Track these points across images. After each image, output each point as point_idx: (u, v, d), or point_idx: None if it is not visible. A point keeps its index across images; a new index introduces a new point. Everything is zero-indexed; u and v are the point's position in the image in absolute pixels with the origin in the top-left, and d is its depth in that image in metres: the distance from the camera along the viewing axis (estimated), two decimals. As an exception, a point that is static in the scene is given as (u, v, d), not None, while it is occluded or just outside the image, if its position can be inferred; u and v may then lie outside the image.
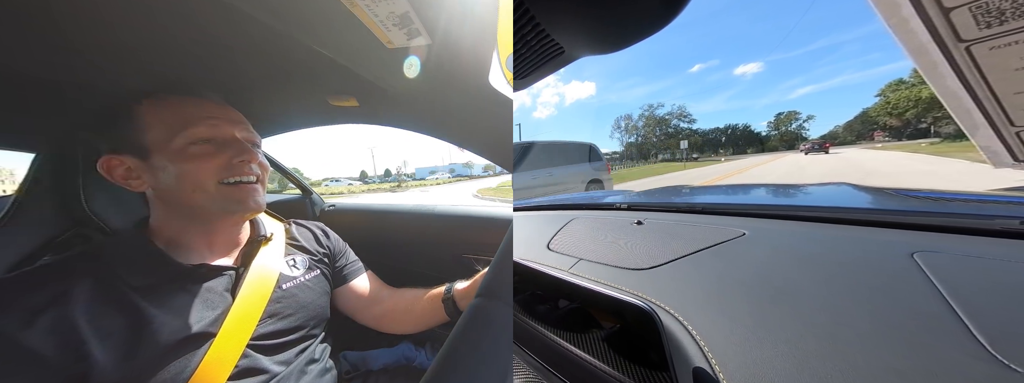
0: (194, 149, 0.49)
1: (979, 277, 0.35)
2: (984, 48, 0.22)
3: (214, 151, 0.50)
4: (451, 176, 62.74)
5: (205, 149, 0.50)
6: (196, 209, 0.51)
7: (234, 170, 0.51)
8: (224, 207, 0.52)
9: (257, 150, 0.56)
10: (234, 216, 0.55)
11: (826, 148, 31.34)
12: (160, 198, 0.52)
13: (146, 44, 0.47)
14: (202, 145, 0.50)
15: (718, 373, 0.33)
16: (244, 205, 0.53)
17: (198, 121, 0.50)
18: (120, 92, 0.51)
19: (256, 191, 0.54)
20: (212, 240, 0.55)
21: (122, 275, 0.46)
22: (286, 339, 0.55)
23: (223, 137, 0.52)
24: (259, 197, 0.54)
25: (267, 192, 0.59)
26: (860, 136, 65.07)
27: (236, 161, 0.51)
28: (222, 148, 0.51)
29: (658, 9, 0.25)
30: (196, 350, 0.46)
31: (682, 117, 71.67)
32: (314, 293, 0.62)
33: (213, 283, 0.51)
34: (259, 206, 0.55)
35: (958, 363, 0.27)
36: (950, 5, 0.21)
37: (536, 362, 0.53)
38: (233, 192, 0.51)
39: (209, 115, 0.51)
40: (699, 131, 76.09)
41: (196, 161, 0.49)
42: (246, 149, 0.52)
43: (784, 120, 75.44)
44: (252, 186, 0.53)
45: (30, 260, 0.68)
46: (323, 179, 65.08)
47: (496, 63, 0.49)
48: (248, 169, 0.52)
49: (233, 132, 0.53)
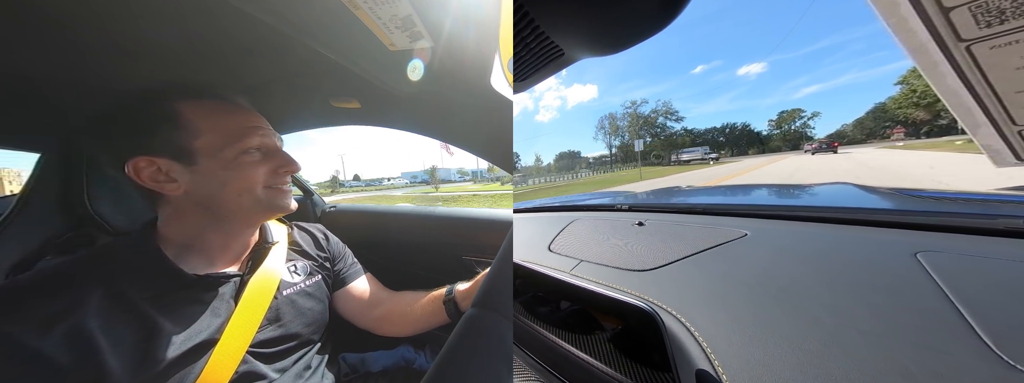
0: (247, 158, 0.51)
1: (982, 276, 0.35)
2: (984, 47, 0.22)
3: (262, 159, 0.53)
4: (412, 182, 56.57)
5: (255, 157, 0.53)
6: (238, 212, 0.53)
7: (279, 178, 0.55)
8: (269, 208, 0.55)
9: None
10: (273, 216, 0.59)
11: (835, 147, 27.53)
12: (191, 201, 0.51)
13: (152, 46, 0.47)
14: (251, 154, 0.52)
15: (721, 375, 0.33)
16: (286, 206, 0.57)
17: (251, 131, 0.53)
18: (147, 94, 0.51)
19: (289, 196, 0.58)
20: (228, 243, 0.56)
21: (133, 283, 0.46)
22: (286, 346, 0.55)
23: (269, 146, 0.55)
24: (292, 201, 0.58)
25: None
26: (872, 134, 56.55)
27: (282, 170, 0.55)
28: (268, 157, 0.54)
29: (656, 11, 0.25)
30: (199, 358, 0.46)
31: (668, 114, 60.32)
32: (314, 299, 0.62)
33: (219, 291, 0.52)
34: (294, 206, 0.58)
35: (962, 363, 0.27)
36: (949, 4, 0.21)
37: (538, 364, 0.53)
38: (275, 196, 0.55)
39: (256, 125, 0.54)
40: (695, 131, 67.38)
41: (248, 169, 0.51)
42: (290, 160, 0.56)
43: (786, 118, 66.27)
44: (287, 191, 0.58)
45: (34, 259, 0.68)
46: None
47: (498, 65, 0.50)
48: (287, 177, 0.57)
49: (276, 141, 0.56)
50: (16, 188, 2.23)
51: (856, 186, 0.88)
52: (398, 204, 1.22)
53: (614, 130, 60.79)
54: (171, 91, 0.51)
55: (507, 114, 0.56)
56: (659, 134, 59.84)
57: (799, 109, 67.09)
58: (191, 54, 0.50)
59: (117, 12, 0.40)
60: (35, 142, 0.73)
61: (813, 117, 65.01)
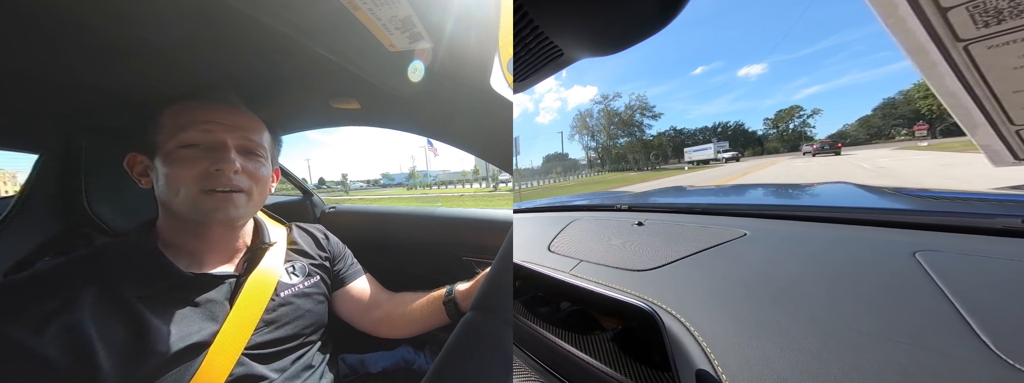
0: (181, 153, 0.48)
1: (981, 276, 0.35)
2: (982, 47, 0.22)
3: (199, 157, 0.48)
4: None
5: (191, 154, 0.48)
6: (183, 213, 0.50)
7: (211, 178, 0.48)
8: (194, 216, 0.50)
9: (257, 159, 0.54)
10: (206, 224, 0.52)
11: (838, 148, 24.08)
12: (158, 199, 0.53)
13: (152, 47, 0.47)
14: (189, 149, 0.48)
15: (721, 374, 0.33)
16: (211, 216, 0.50)
17: (192, 125, 0.49)
18: (134, 94, 0.52)
19: (232, 202, 0.50)
20: (209, 246, 0.55)
21: (128, 282, 0.46)
22: (282, 347, 0.55)
23: (211, 142, 0.49)
24: (234, 209, 0.51)
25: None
26: (877, 135, 49.51)
27: (213, 169, 0.48)
28: (207, 154, 0.49)
29: (655, 11, 0.25)
30: (194, 359, 0.46)
31: (644, 110, 46.83)
32: (313, 300, 0.62)
33: (214, 292, 0.51)
34: (226, 219, 0.51)
35: (961, 362, 0.27)
36: (947, 5, 0.21)
37: (537, 364, 0.53)
38: (205, 201, 0.49)
39: (208, 119, 0.50)
40: (685, 131, 59.48)
41: (179, 165, 0.48)
42: (224, 158, 0.49)
43: (783, 116, 59.34)
44: (228, 196, 0.50)
45: (32, 260, 0.68)
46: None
47: (497, 66, 0.50)
48: (226, 179, 0.49)
49: (225, 138, 0.50)
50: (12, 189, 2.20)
51: (855, 185, 0.88)
52: (398, 205, 1.21)
53: (584, 128, 47.60)
54: (156, 93, 0.53)
55: (507, 115, 0.56)
56: (636, 133, 47.72)
57: (797, 106, 59.67)
58: (191, 55, 0.50)
59: (119, 14, 0.40)
60: (34, 142, 0.73)
61: (812, 115, 57.56)
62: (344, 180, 45.05)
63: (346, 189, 35.60)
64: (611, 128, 42.66)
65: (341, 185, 37.02)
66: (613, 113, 46.43)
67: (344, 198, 13.87)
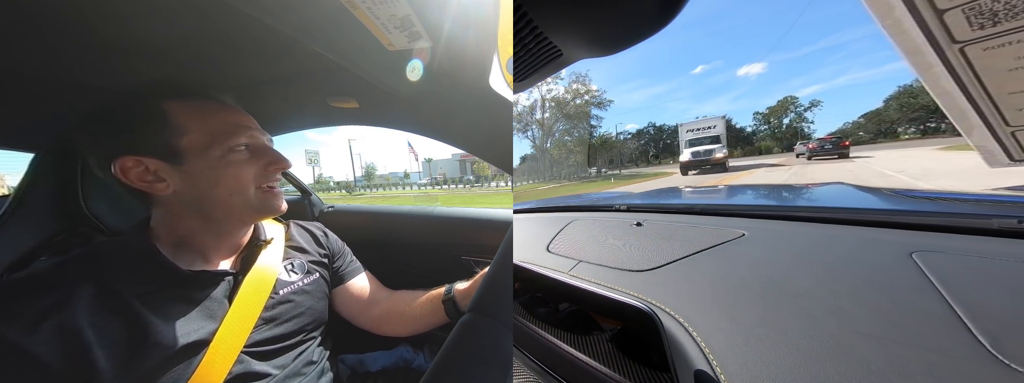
0: (234, 156, 0.51)
1: (978, 276, 0.35)
2: (978, 49, 0.23)
3: (251, 158, 0.52)
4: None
5: (243, 155, 0.52)
6: (230, 213, 0.53)
7: (269, 177, 0.54)
8: (260, 210, 0.55)
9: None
10: (263, 218, 0.58)
11: (844, 148, 15.09)
12: (181, 201, 0.50)
13: (148, 45, 0.47)
14: (242, 152, 0.52)
15: (719, 375, 0.33)
16: (276, 208, 0.56)
17: (239, 129, 0.52)
18: (136, 93, 0.51)
19: (281, 194, 0.57)
20: (220, 243, 0.55)
21: (124, 280, 0.45)
22: (282, 344, 0.55)
23: (257, 144, 0.54)
24: (283, 199, 0.57)
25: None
26: (884, 133, 40.89)
27: (272, 168, 0.54)
28: (257, 155, 0.53)
29: (654, 11, 0.25)
30: (193, 357, 0.46)
31: (593, 99, 27.11)
32: (312, 297, 0.62)
33: (212, 290, 0.51)
34: (285, 208, 0.57)
35: (958, 362, 0.27)
36: (943, 7, 0.21)
37: (536, 364, 0.53)
38: (267, 197, 0.54)
39: (243, 123, 0.53)
40: (665, 128, 48.76)
41: (236, 167, 0.51)
42: (280, 157, 0.55)
43: (776, 110, 48.70)
44: (278, 191, 0.57)
45: (28, 260, 0.68)
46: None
47: (496, 65, 0.50)
48: (276, 175, 0.56)
49: (263, 139, 0.56)
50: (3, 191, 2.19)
51: (853, 186, 0.88)
52: (398, 204, 1.21)
53: (523, 128, 28.30)
54: (157, 90, 0.52)
55: (506, 114, 0.57)
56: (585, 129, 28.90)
57: (792, 97, 48.69)
58: (188, 54, 0.50)
59: (114, 11, 0.40)
60: (29, 141, 0.73)
61: (810, 109, 47.22)
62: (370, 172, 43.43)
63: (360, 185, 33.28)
64: (557, 122, 26.84)
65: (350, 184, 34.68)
66: (559, 103, 27.29)
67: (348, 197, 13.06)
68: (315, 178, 38.48)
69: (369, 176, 44.32)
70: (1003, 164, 0.28)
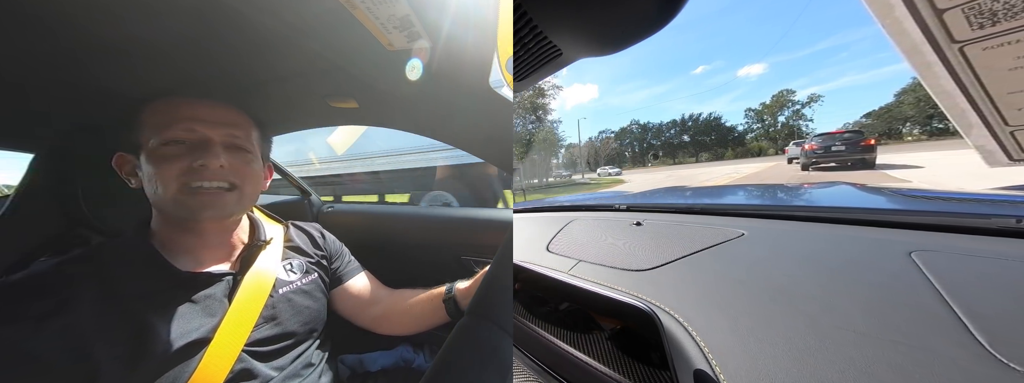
0: (164, 150, 0.48)
1: (977, 276, 0.35)
2: (977, 49, 0.23)
3: (183, 154, 0.48)
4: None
5: (174, 151, 0.48)
6: (171, 210, 0.50)
7: (194, 174, 0.48)
8: (178, 213, 0.50)
9: (245, 155, 0.54)
10: (189, 220, 0.52)
11: (870, 148, 7.68)
12: (148, 198, 0.52)
13: (147, 45, 0.47)
14: (172, 146, 0.48)
15: (719, 374, 0.33)
16: (199, 213, 0.49)
17: (176, 122, 0.48)
18: (130, 93, 0.52)
19: (218, 198, 0.50)
20: (204, 243, 0.54)
21: (125, 281, 0.46)
22: (282, 344, 0.55)
23: (195, 139, 0.49)
24: (220, 206, 0.50)
25: (264, 193, 0.59)
26: (890, 133, 35.81)
27: (196, 164, 0.48)
28: (191, 150, 0.48)
29: (654, 11, 0.25)
30: (193, 357, 0.46)
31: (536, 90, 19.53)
32: (311, 297, 0.62)
33: (211, 290, 0.51)
34: (216, 215, 0.51)
35: (957, 361, 0.27)
36: (943, 6, 0.21)
37: (536, 364, 0.53)
38: (189, 199, 0.48)
39: (191, 117, 0.49)
40: (650, 125, 43.99)
41: (163, 163, 0.48)
42: (208, 153, 0.48)
43: (772, 105, 43.94)
44: (213, 193, 0.49)
45: (29, 259, 0.68)
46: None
47: (496, 65, 0.50)
48: (210, 174, 0.49)
49: (210, 134, 0.50)
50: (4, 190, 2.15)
51: (853, 186, 0.88)
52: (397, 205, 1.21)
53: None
54: (143, 90, 0.53)
55: (506, 114, 0.56)
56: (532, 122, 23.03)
57: (788, 90, 43.27)
58: (188, 54, 0.50)
59: (114, 12, 0.40)
60: (28, 142, 0.73)
61: (809, 104, 41.29)
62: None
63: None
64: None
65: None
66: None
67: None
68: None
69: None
70: (1002, 163, 0.28)
